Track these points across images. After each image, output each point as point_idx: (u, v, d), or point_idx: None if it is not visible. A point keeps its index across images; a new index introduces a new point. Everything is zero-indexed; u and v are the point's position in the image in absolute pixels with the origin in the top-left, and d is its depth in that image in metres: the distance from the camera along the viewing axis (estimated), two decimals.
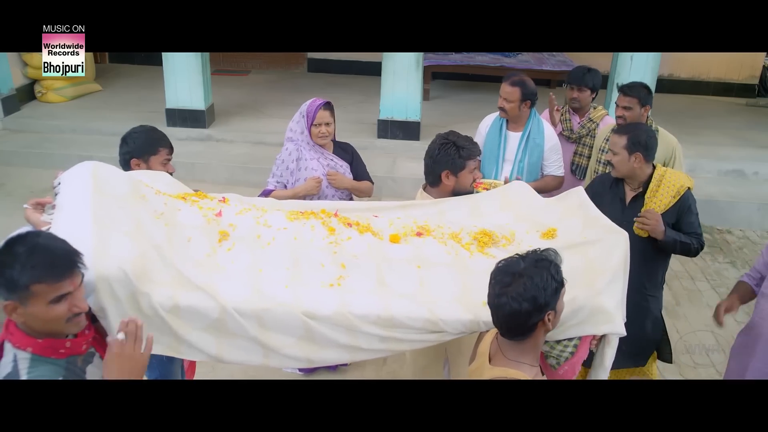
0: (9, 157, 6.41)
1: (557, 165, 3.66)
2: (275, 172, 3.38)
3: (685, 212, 2.95)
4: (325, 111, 3.26)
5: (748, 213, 5.88)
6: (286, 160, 3.33)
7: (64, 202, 1.96)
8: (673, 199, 2.92)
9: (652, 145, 2.94)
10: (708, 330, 4.21)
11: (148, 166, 2.67)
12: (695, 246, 2.95)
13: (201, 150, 6.57)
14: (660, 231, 2.86)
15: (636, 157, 2.91)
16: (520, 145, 3.56)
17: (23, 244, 1.57)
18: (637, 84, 3.57)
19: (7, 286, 1.56)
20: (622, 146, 2.92)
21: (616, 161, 2.96)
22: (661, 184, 2.93)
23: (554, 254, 1.83)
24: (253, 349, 2.04)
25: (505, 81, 3.54)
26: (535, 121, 3.58)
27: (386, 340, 2.13)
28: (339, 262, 2.27)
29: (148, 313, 1.89)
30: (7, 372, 1.59)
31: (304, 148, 3.32)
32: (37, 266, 1.55)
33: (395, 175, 6.19)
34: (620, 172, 2.98)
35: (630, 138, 2.90)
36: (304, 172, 3.30)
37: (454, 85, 8.86)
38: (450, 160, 2.74)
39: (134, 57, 9.08)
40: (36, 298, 1.56)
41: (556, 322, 1.85)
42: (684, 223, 2.95)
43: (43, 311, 1.58)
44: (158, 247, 2.01)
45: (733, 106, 8.57)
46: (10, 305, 1.57)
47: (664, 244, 2.91)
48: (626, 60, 6.13)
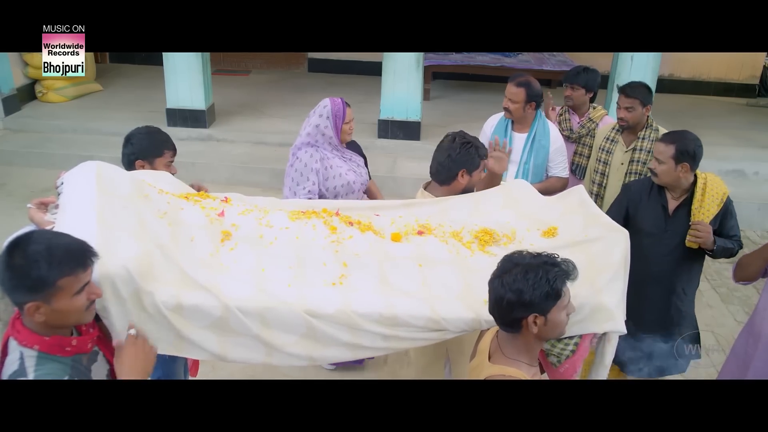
0: (10, 156, 6.41)
1: (562, 167, 3.65)
2: (300, 180, 3.19)
3: (728, 217, 2.93)
4: (349, 108, 3.33)
5: (748, 213, 5.88)
6: (310, 163, 3.18)
7: (68, 202, 1.97)
8: (717, 207, 2.89)
9: (700, 155, 2.88)
10: (708, 330, 4.22)
11: (153, 168, 2.68)
12: (736, 249, 2.95)
13: (202, 150, 6.58)
14: (711, 242, 2.83)
15: (683, 167, 2.85)
16: (526, 147, 3.55)
17: (37, 243, 1.58)
18: (638, 84, 3.57)
19: (34, 287, 1.56)
20: (669, 156, 2.85)
21: (661, 170, 2.90)
22: (705, 193, 2.89)
23: (570, 266, 1.79)
24: (255, 348, 2.05)
25: (510, 81, 3.53)
26: (540, 123, 3.57)
27: (388, 339, 2.14)
28: (341, 260, 2.28)
29: (151, 312, 1.89)
30: (14, 370, 1.60)
31: (325, 150, 3.27)
32: (62, 262, 1.57)
33: (396, 174, 6.20)
34: (664, 181, 2.93)
35: (678, 148, 2.83)
36: (331, 171, 3.24)
37: (455, 85, 8.87)
38: (470, 159, 2.75)
39: (135, 57, 9.08)
40: (62, 292, 1.59)
41: (549, 333, 1.81)
42: (726, 228, 2.94)
43: (67, 304, 1.61)
44: (161, 246, 2.02)
45: (733, 106, 8.57)
46: (33, 306, 1.58)
47: (714, 254, 2.90)
48: (626, 60, 6.13)
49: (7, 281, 1.58)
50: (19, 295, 1.59)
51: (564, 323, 1.83)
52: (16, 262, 1.56)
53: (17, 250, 1.57)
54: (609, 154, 3.65)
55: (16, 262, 1.56)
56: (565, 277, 1.78)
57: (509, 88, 3.51)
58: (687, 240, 2.88)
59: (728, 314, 4.51)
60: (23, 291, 1.57)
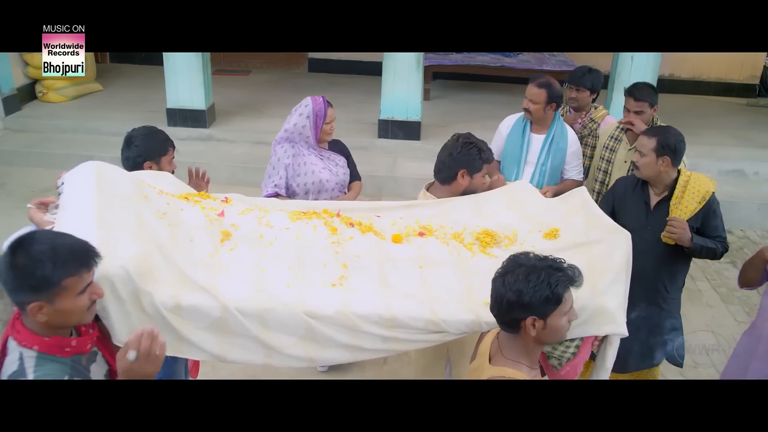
0: (10, 156, 6.41)
1: (578, 170, 3.66)
2: (271, 173, 3.34)
3: (710, 216, 2.91)
4: (331, 108, 3.35)
5: (748, 213, 5.88)
6: (282, 158, 3.29)
7: (68, 202, 1.97)
8: (698, 205, 2.87)
9: (681, 150, 2.89)
10: (708, 330, 4.22)
11: (159, 167, 2.72)
12: (720, 250, 2.92)
13: (202, 150, 6.57)
14: (687, 239, 2.81)
15: (664, 160, 2.86)
16: (544, 148, 3.55)
17: (41, 243, 1.58)
18: (645, 86, 3.56)
19: (38, 287, 1.56)
20: (650, 148, 2.86)
21: (642, 163, 2.90)
22: (686, 189, 2.89)
23: (575, 273, 1.79)
24: (254, 349, 2.04)
25: (531, 82, 3.54)
26: (558, 125, 3.58)
27: (388, 340, 2.14)
28: (341, 262, 2.27)
29: (149, 312, 1.89)
30: (13, 370, 1.59)
31: (302, 146, 3.32)
32: (66, 262, 1.57)
33: (396, 174, 6.19)
34: (645, 174, 2.93)
35: (659, 141, 2.85)
36: (303, 167, 3.30)
37: (455, 85, 8.86)
38: (470, 160, 2.75)
39: (135, 57, 9.07)
40: (66, 292, 1.59)
41: (548, 338, 1.80)
42: (709, 227, 2.91)
43: (70, 305, 1.61)
44: (161, 246, 2.02)
45: (733, 106, 8.57)
46: (36, 306, 1.58)
47: (691, 251, 2.88)
48: (627, 60, 6.13)
49: (10, 281, 1.57)
50: (22, 295, 1.58)
51: (565, 329, 1.82)
52: (19, 262, 1.55)
53: (20, 250, 1.56)
54: (613, 153, 3.65)
55: (20, 261, 1.55)
56: (569, 283, 1.77)
57: (530, 89, 3.51)
58: (663, 235, 2.87)
59: (728, 314, 4.51)
60: (27, 291, 1.57)
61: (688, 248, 2.86)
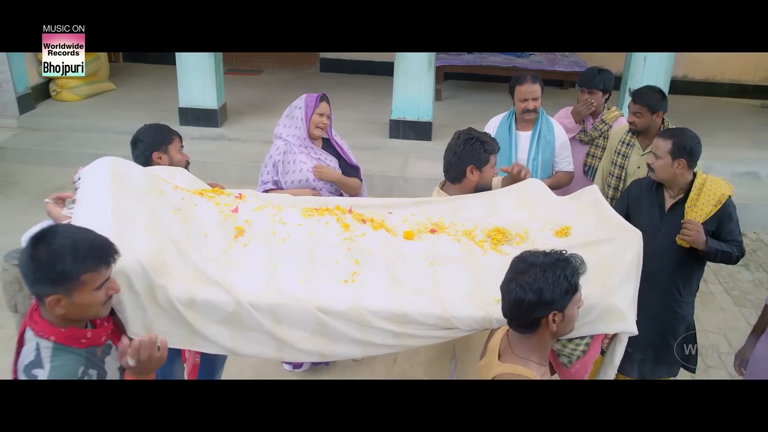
0: (24, 155, 6.49)
1: (568, 161, 3.72)
2: (264, 171, 3.37)
3: (726, 220, 2.87)
4: (324, 102, 3.35)
5: (762, 215, 5.83)
6: (274, 155, 3.34)
7: (84, 197, 2.00)
8: (714, 208, 2.84)
9: (697, 152, 2.85)
10: (720, 333, 4.19)
11: (169, 156, 2.79)
12: (736, 254, 2.88)
13: (213, 149, 6.62)
14: (701, 242, 2.78)
15: (679, 163, 2.83)
16: (532, 144, 3.61)
17: (63, 238, 1.61)
18: (649, 90, 3.51)
19: (57, 280, 1.59)
20: (666, 150, 2.83)
21: (657, 165, 2.88)
22: (702, 192, 2.86)
23: (579, 261, 1.81)
24: (267, 343, 2.06)
25: (523, 82, 3.59)
26: (544, 120, 3.64)
27: (399, 336, 2.15)
28: (353, 258, 2.29)
29: (164, 306, 1.91)
30: (30, 360, 1.63)
31: (293, 143, 3.34)
32: (86, 257, 1.61)
33: (407, 175, 6.20)
34: (660, 176, 2.91)
35: (675, 143, 2.81)
36: (292, 165, 3.31)
37: (466, 85, 8.85)
38: (475, 155, 2.75)
39: (148, 56, 9.14)
40: (84, 287, 1.62)
41: (564, 329, 1.82)
42: (724, 231, 2.88)
43: (88, 299, 1.64)
44: (175, 241, 2.04)
45: (747, 107, 8.50)
46: (54, 299, 1.61)
47: (706, 255, 2.85)
48: (639, 61, 6.09)
49: (31, 273, 1.60)
50: (42, 287, 1.61)
51: (576, 317, 1.85)
52: (41, 255, 1.58)
53: (42, 243, 1.60)
54: (625, 159, 3.60)
55: (41, 254, 1.58)
56: (579, 270, 1.81)
57: (528, 87, 3.56)
58: (677, 237, 2.84)
59: (741, 317, 4.47)
60: (46, 283, 1.60)
61: (703, 252, 2.82)
